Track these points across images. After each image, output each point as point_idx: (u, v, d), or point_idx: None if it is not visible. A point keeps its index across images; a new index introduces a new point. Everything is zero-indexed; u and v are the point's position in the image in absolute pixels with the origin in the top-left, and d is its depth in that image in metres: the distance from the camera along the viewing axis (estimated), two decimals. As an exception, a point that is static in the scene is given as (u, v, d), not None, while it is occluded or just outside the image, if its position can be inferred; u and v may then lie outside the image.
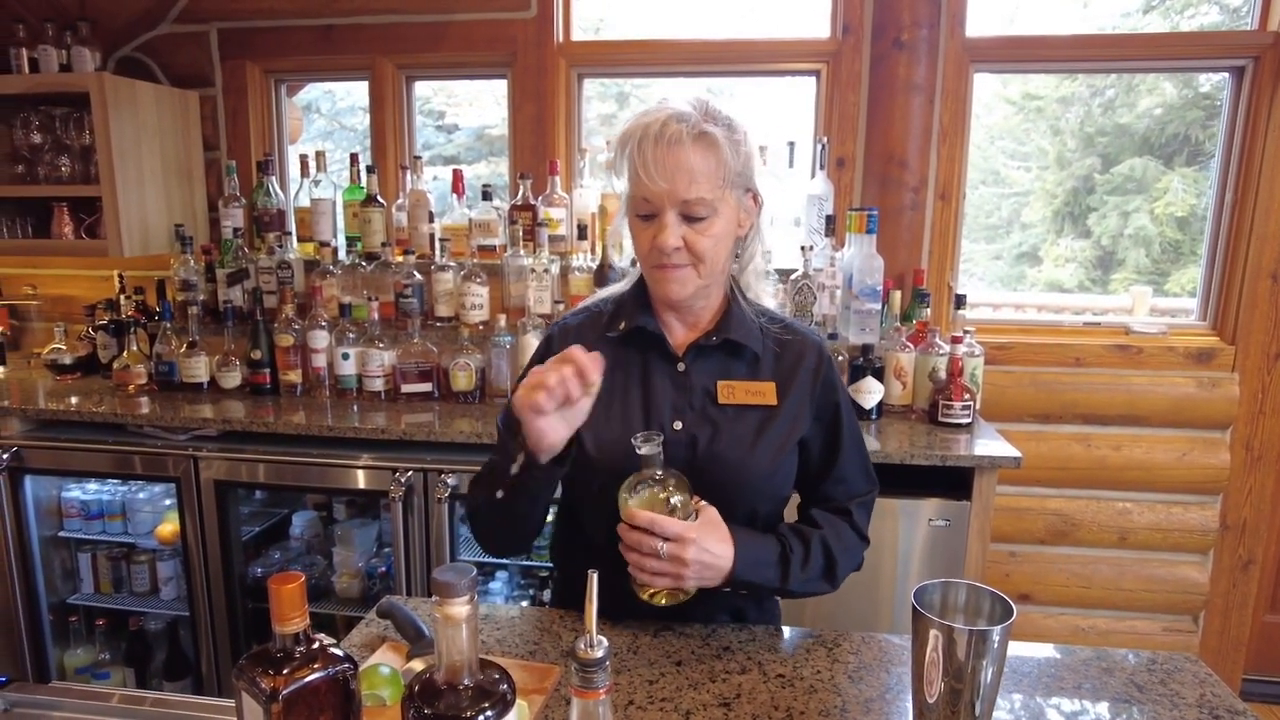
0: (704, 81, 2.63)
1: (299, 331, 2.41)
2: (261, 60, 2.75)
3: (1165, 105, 5.66)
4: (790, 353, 1.20)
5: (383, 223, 2.53)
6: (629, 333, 1.17)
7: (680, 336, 1.20)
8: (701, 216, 1.07)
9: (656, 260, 1.09)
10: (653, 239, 1.07)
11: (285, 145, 2.86)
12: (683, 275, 1.10)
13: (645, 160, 1.04)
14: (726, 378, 1.17)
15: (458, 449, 2.09)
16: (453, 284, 2.39)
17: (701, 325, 1.19)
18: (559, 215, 2.42)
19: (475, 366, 2.32)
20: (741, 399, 1.16)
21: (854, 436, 1.23)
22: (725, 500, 1.12)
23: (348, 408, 2.34)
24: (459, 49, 2.62)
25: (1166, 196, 5.57)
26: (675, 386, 1.16)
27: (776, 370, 1.18)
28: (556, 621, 1.16)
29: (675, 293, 1.11)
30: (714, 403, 1.15)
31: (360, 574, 2.35)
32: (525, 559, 2.24)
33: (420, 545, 2.10)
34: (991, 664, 0.83)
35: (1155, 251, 5.69)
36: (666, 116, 1.05)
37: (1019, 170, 6.24)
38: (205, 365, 2.48)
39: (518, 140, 2.63)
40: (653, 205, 1.06)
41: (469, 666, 0.66)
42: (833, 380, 1.22)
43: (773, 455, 1.15)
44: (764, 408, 1.16)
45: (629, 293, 1.22)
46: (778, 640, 1.11)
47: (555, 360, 0.99)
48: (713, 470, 1.13)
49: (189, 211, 2.72)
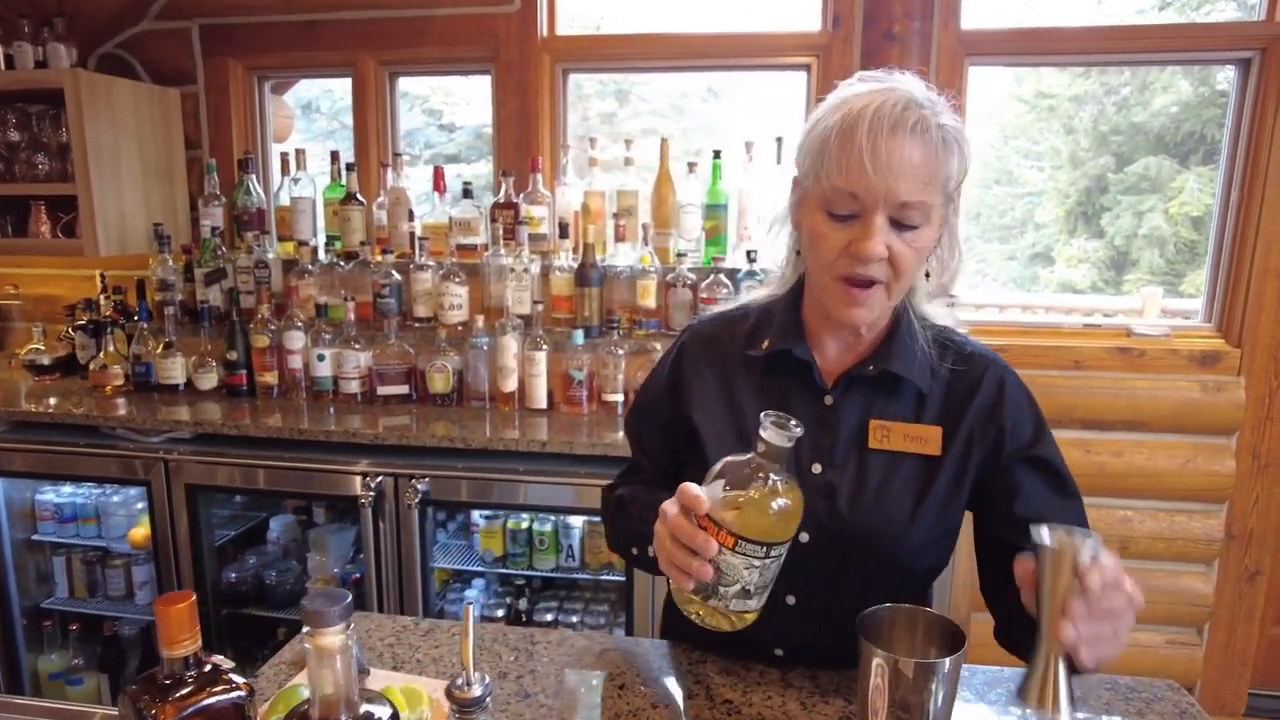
0: (692, 77, 2.57)
1: (275, 332, 2.37)
2: (244, 57, 2.71)
3: (1181, 103, 5.56)
4: (962, 386, 0.98)
5: (362, 221, 2.48)
6: (772, 354, 1.01)
7: (832, 362, 1.02)
8: (914, 225, 0.88)
9: (847, 270, 0.90)
10: (848, 244, 0.89)
11: (269, 143, 2.82)
12: (874, 297, 0.91)
13: (866, 147, 0.85)
14: (883, 416, 0.98)
15: (433, 453, 2.03)
16: (431, 284, 2.34)
17: (860, 349, 1.01)
18: (540, 214, 2.36)
19: (452, 368, 2.27)
20: (898, 445, 0.96)
21: (1067, 487, 0.98)
22: (864, 570, 0.95)
23: (323, 410, 2.29)
24: (442, 44, 2.57)
25: (1181, 196, 5.45)
26: (818, 423, 0.98)
27: (944, 410, 0.98)
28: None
29: (861, 317, 0.93)
30: (864, 447, 0.97)
31: (335, 580, 2.30)
32: (503, 567, 2.18)
33: (392, 553, 2.05)
34: (941, 696, 0.76)
35: (1170, 252, 5.58)
36: (902, 100, 0.86)
37: (1032, 170, 6.14)
38: (182, 366, 2.44)
39: (501, 137, 2.58)
40: (860, 203, 0.87)
41: (345, 701, 0.61)
42: (1019, 415, 0.98)
43: (934, 519, 0.96)
44: (923, 458, 0.96)
45: (779, 304, 1.05)
46: (731, 663, 1.05)
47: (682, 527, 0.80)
48: (855, 530, 0.95)
49: (169, 211, 2.68)
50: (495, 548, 2.16)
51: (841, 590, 0.98)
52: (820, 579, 0.98)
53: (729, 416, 1.03)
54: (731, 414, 1.03)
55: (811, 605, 1.00)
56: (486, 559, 2.17)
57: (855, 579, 0.96)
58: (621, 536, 1.08)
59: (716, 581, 0.79)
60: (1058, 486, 0.98)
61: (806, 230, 0.96)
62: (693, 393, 1.06)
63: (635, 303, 2.28)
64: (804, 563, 0.94)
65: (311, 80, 2.91)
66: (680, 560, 0.79)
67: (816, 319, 1.02)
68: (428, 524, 2.03)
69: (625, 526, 1.05)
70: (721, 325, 1.10)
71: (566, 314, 2.30)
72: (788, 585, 0.92)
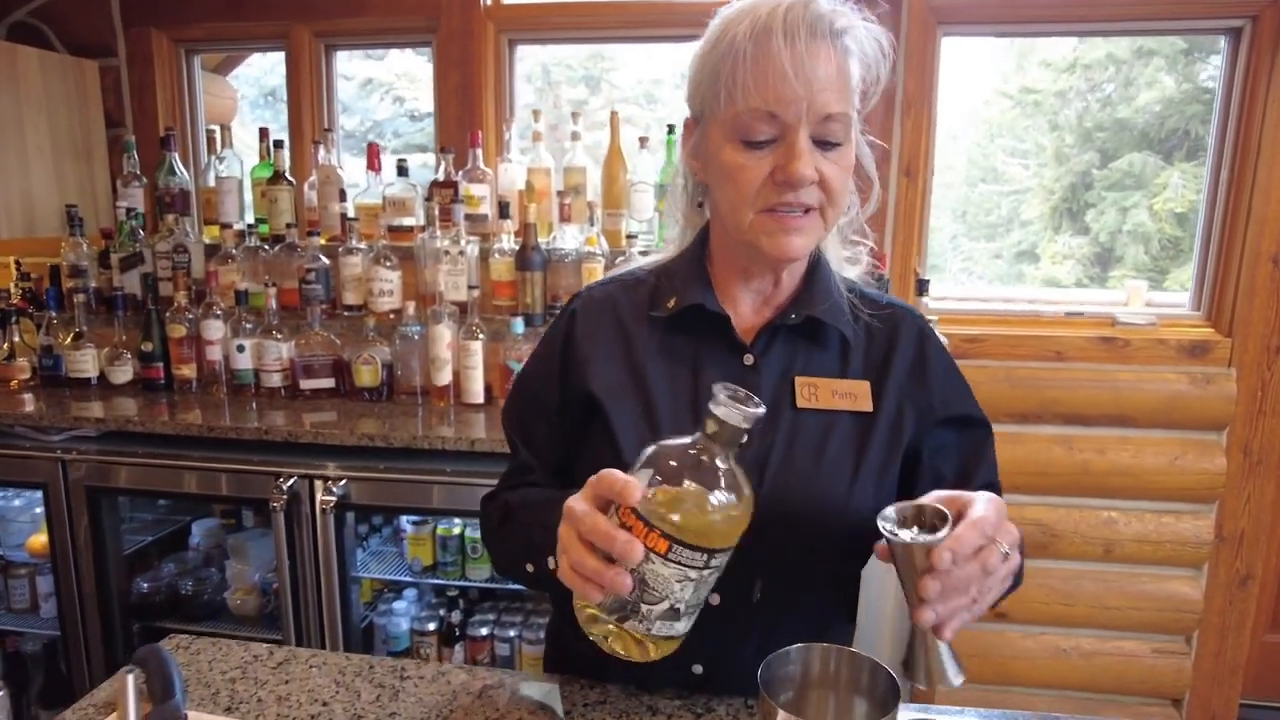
0: (663, 62, 2.40)
1: (193, 321, 2.18)
2: (169, 28, 2.52)
3: (1164, 100, 5.56)
4: (882, 337, 0.91)
5: (290, 202, 2.30)
6: (680, 313, 0.89)
7: (748, 317, 0.91)
8: (837, 142, 0.79)
9: (775, 200, 0.79)
10: (771, 171, 0.79)
11: (199, 123, 2.63)
12: (808, 224, 0.81)
13: (785, 55, 0.75)
14: (806, 372, 0.88)
15: (354, 452, 1.86)
16: (361, 268, 2.16)
17: (777, 301, 0.91)
18: (481, 192, 2.19)
19: (381, 360, 2.09)
20: (828, 402, 0.87)
21: (990, 455, 0.93)
22: (800, 553, 0.84)
23: (244, 405, 2.11)
24: (381, 14, 2.39)
25: (1166, 192, 5.43)
26: (738, 382, 0.85)
27: (868, 363, 0.90)
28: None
29: (798, 247, 0.82)
30: (791, 406, 0.86)
31: (256, 589, 2.12)
32: (434, 577, 2.00)
33: (311, 562, 1.87)
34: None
35: (1154, 248, 5.54)
36: (808, 1, 0.76)
37: (1017, 166, 6.09)
38: (94, 359, 2.25)
39: (443, 113, 2.40)
40: (780, 123, 0.77)
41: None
42: (945, 371, 0.92)
43: (875, 481, 0.86)
44: (857, 416, 0.87)
45: (679, 260, 0.94)
46: (633, 703, 0.88)
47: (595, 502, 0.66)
48: (791, 502, 0.83)
49: (87, 192, 2.49)
50: (424, 556, 1.98)
51: (775, 582, 0.85)
52: (751, 569, 0.82)
53: (633, 384, 0.88)
54: (634, 381, 0.88)
55: (739, 604, 0.85)
56: (415, 568, 1.99)
57: (791, 566, 0.85)
58: (511, 551, 0.90)
59: (639, 598, 0.62)
60: (983, 441, 0.94)
61: (717, 168, 0.83)
62: (591, 364, 0.90)
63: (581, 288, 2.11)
64: (749, 559, 0.78)
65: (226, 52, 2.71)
66: (590, 568, 0.62)
67: (729, 271, 0.91)
68: (346, 530, 1.85)
69: (518, 537, 0.88)
70: (617, 288, 0.96)
71: (507, 301, 2.12)
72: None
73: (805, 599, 0.89)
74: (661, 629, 0.63)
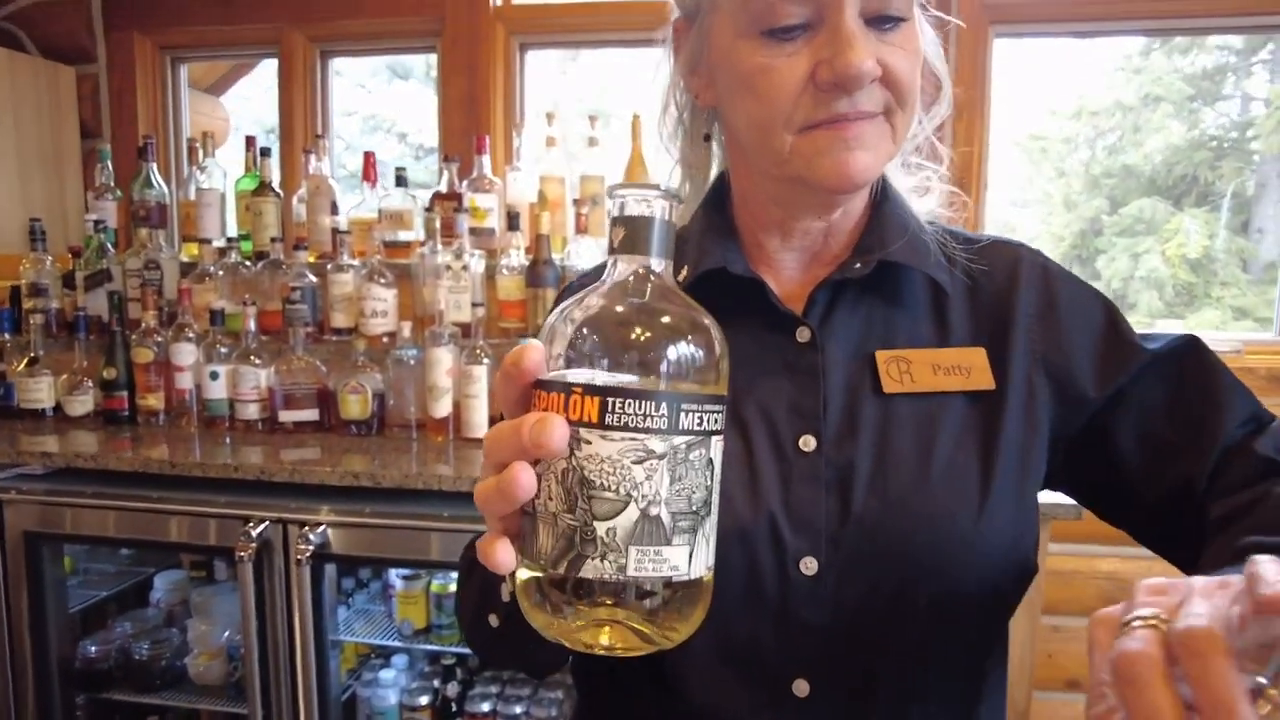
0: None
1: (162, 345, 1.94)
2: (154, 33, 2.34)
3: (1170, 147, 5.60)
4: (988, 286, 0.65)
5: (277, 216, 2.08)
6: (697, 285, 0.63)
7: (794, 281, 0.66)
8: (899, 16, 0.56)
9: (820, 113, 0.55)
10: (811, 71, 0.55)
11: (182, 134, 2.43)
12: (873, 132, 0.57)
13: None
14: (890, 344, 0.63)
15: (335, 494, 1.59)
16: (353, 286, 1.93)
17: (832, 253, 0.66)
18: (488, 204, 1.97)
19: (371, 389, 1.84)
20: (927, 382, 0.61)
21: (1201, 363, 0.63)
22: (915, 607, 0.58)
23: (216, 439, 1.86)
24: (380, 15, 2.20)
25: (1178, 237, 5.41)
26: (793, 369, 0.62)
27: (975, 321, 0.65)
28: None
29: (861, 168, 0.56)
30: (874, 393, 0.62)
31: (222, 653, 1.83)
32: (426, 642, 1.72)
33: (284, 621, 1.59)
34: None
35: (1169, 294, 5.48)
36: None
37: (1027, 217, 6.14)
38: (49, 387, 2.00)
39: (447, 123, 2.19)
40: (816, 1, 0.54)
41: None
42: (1086, 309, 0.65)
43: (1015, 490, 0.60)
44: (974, 398, 0.61)
45: (692, 225, 0.70)
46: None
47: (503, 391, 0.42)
48: (890, 538, 0.58)
49: (56, 207, 2.28)
50: (416, 617, 1.70)
51: (881, 654, 0.59)
52: (844, 640, 0.58)
53: None
54: None
55: (836, 689, 0.59)
56: (405, 631, 1.71)
57: (902, 629, 0.59)
58: (472, 601, 0.64)
59: (586, 511, 0.39)
60: (1183, 378, 0.62)
61: (730, 79, 0.59)
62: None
63: (600, 309, 1.87)
64: (811, 613, 0.57)
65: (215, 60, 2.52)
66: (495, 489, 0.40)
67: (760, 225, 0.66)
68: (324, 584, 1.58)
69: (476, 581, 0.62)
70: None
71: (516, 322, 1.88)
72: (791, 659, 0.58)
73: (925, 684, 0.61)
74: (642, 562, 0.39)
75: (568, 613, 0.40)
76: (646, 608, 0.40)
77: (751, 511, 0.59)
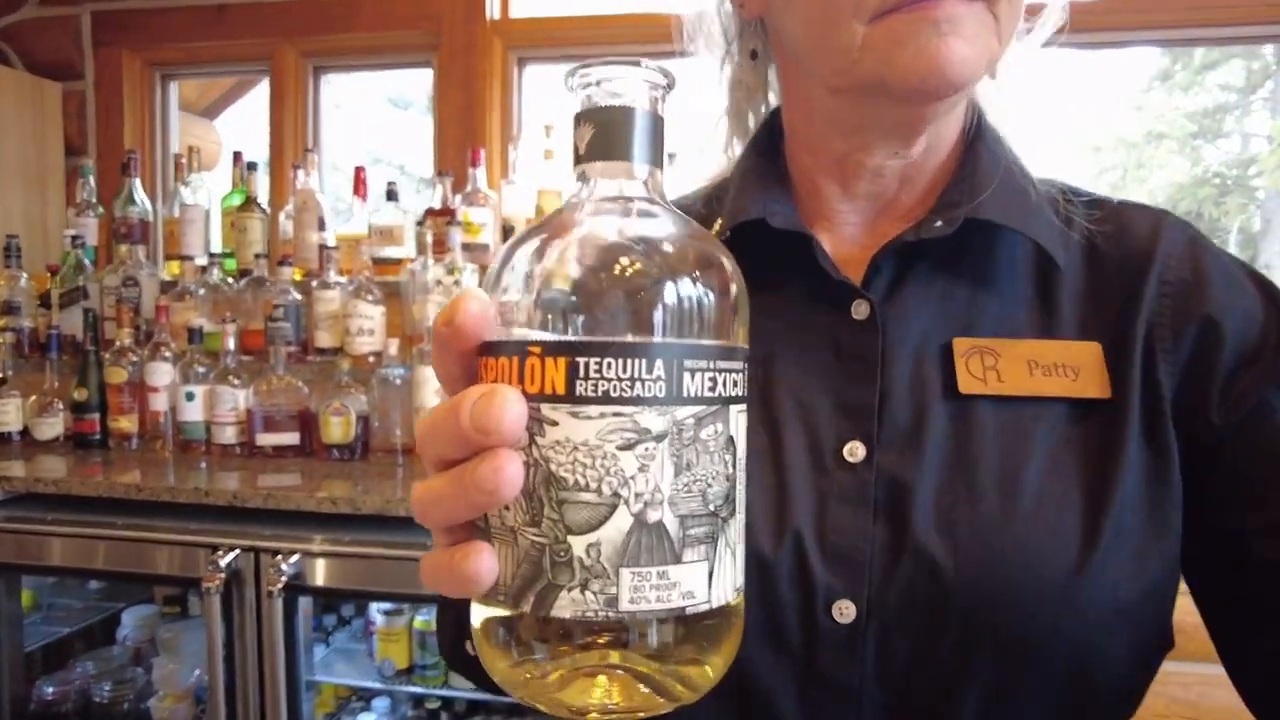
0: (668, 64, 2.15)
1: (136, 365, 1.85)
2: (142, 50, 2.29)
3: (1174, 184, 5.61)
4: (1114, 261, 0.50)
5: (262, 232, 2.00)
6: (729, 239, 0.50)
7: (855, 241, 0.53)
8: None
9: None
10: None
11: (169, 152, 2.36)
12: (970, 15, 0.42)
13: None
14: (973, 330, 0.49)
15: (313, 521, 1.48)
16: (339, 304, 1.83)
17: (906, 204, 0.52)
18: (482, 218, 1.88)
19: (355, 411, 1.73)
20: (1019, 384, 0.47)
21: None
22: (987, 686, 0.45)
23: (191, 464, 1.75)
24: (374, 29, 2.15)
25: None
26: (844, 354, 0.49)
27: (1093, 307, 0.49)
28: None
29: (958, 60, 0.42)
30: (949, 394, 0.48)
31: (189, 695, 1.70)
32: (409, 683, 1.59)
33: (254, 660, 1.47)
34: None
35: None
36: None
37: None
38: (17, 409, 1.90)
39: (443, 138, 2.12)
40: None
41: None
42: (1239, 297, 0.48)
43: (1133, 537, 0.45)
44: (1081, 409, 0.47)
45: (737, 171, 0.56)
46: None
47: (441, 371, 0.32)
48: (964, 586, 0.44)
49: (37, 223, 2.20)
50: (398, 656, 1.58)
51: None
52: (886, 713, 0.45)
53: None
54: None
55: None
56: (386, 671, 1.58)
57: (967, 706, 0.44)
58: (448, 633, 0.55)
59: (557, 521, 0.27)
60: None
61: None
62: None
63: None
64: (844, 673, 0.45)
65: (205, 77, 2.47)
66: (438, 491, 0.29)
67: (817, 168, 0.52)
68: (297, 619, 1.46)
69: (452, 603, 0.52)
70: None
71: (510, 342, 1.79)
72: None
73: None
74: (640, 591, 0.27)
75: (541, 662, 0.29)
76: (654, 646, 0.29)
77: (773, 536, 0.47)
